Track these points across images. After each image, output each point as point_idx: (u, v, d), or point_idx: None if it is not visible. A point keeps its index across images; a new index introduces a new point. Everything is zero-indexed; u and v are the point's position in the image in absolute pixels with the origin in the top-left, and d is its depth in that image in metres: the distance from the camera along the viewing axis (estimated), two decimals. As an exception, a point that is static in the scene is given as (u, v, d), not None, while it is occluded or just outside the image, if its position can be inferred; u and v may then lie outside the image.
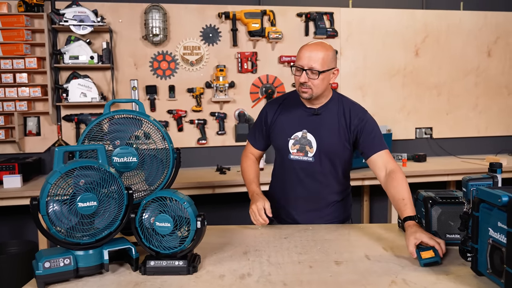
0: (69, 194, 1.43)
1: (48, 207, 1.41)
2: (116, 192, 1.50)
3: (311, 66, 1.95)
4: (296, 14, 4.23)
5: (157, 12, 3.84)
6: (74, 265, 1.45)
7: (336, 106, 2.11)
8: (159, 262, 1.51)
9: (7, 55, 3.61)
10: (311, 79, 1.97)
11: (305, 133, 2.08)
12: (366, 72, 4.42)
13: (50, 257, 1.42)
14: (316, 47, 1.98)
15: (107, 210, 1.48)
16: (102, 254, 1.50)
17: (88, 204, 1.43)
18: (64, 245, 1.47)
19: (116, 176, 1.49)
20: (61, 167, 1.44)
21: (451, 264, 1.57)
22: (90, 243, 1.47)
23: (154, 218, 1.51)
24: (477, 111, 4.69)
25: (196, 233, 1.51)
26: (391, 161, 2.04)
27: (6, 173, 3.41)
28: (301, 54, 1.99)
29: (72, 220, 1.43)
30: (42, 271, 1.41)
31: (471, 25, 4.59)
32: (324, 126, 2.08)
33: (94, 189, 1.45)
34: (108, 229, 1.50)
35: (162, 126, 1.77)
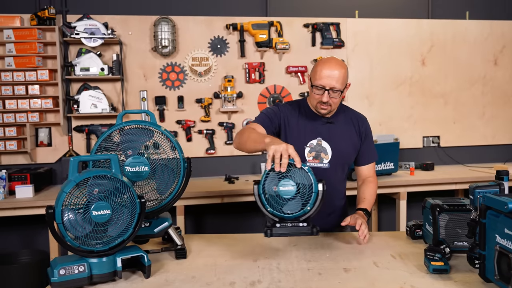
0: (83, 203, 1.46)
1: (63, 215, 1.44)
2: (128, 201, 1.53)
3: (333, 86, 2.00)
4: (303, 24, 4.28)
5: (166, 24, 3.91)
6: (88, 272, 1.48)
7: (344, 115, 2.22)
8: (284, 225, 1.62)
9: (20, 67, 3.68)
10: (332, 98, 2.03)
11: (320, 140, 2.14)
12: (372, 82, 4.45)
13: (65, 265, 1.46)
14: (336, 66, 2.03)
15: (120, 218, 1.51)
16: (115, 261, 1.52)
17: (102, 212, 1.46)
18: (79, 253, 1.49)
19: (128, 185, 1.53)
20: (76, 176, 1.47)
21: (459, 271, 1.58)
22: (103, 251, 1.50)
23: (276, 186, 1.60)
24: (484, 119, 4.70)
25: (318, 195, 1.61)
26: (374, 173, 2.28)
27: (18, 183, 3.46)
28: (322, 73, 2.01)
29: (87, 228, 1.46)
30: (58, 278, 1.44)
31: (477, 34, 4.61)
32: (338, 133, 2.17)
33: (108, 197, 1.48)
34: (121, 237, 1.52)
35: (173, 136, 1.80)
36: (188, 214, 3.84)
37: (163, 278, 1.57)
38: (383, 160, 3.94)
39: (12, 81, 3.67)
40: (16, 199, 3.35)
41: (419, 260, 1.68)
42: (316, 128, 2.15)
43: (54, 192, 3.59)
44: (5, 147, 3.68)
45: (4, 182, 3.36)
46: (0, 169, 3.51)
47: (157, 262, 1.73)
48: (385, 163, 3.95)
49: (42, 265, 3.56)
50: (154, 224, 1.79)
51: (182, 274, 1.61)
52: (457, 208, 1.77)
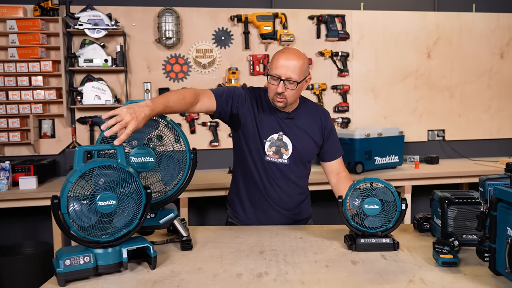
0: (89, 193, 1.44)
1: (69, 205, 1.43)
2: (134, 191, 1.51)
3: (289, 76, 1.94)
4: (307, 16, 4.24)
5: (170, 16, 3.88)
6: (94, 263, 1.46)
7: (306, 110, 2.16)
8: (368, 240, 1.71)
9: (23, 58, 3.66)
10: (287, 89, 1.96)
11: (281, 135, 2.09)
12: (377, 75, 4.42)
13: (71, 255, 1.44)
14: (293, 56, 1.95)
15: (126, 209, 1.49)
16: (121, 252, 1.51)
17: (107, 203, 1.44)
18: (84, 244, 1.48)
19: (134, 176, 1.51)
20: (81, 166, 1.45)
21: (468, 264, 1.56)
22: (109, 242, 1.49)
23: (360, 201, 1.71)
24: (490, 113, 4.67)
25: (400, 214, 1.69)
26: (344, 168, 2.24)
27: (21, 175, 3.46)
28: (278, 62, 1.94)
29: (92, 218, 1.44)
30: (63, 268, 1.43)
31: (484, 26, 4.57)
32: (299, 129, 2.11)
33: (113, 188, 1.46)
34: (127, 228, 1.51)
35: (179, 126, 1.78)
36: (191, 206, 3.84)
37: (169, 269, 1.56)
38: (388, 154, 3.92)
39: (15, 72, 3.65)
40: (20, 190, 3.34)
41: (427, 253, 1.66)
42: (277, 122, 2.09)
43: (57, 184, 3.59)
44: (8, 139, 3.67)
45: (8, 173, 3.35)
46: (4, 160, 3.50)
47: (162, 253, 1.72)
48: (390, 156, 3.93)
49: (46, 257, 3.57)
50: (159, 216, 1.77)
51: (188, 265, 1.59)
52: (466, 201, 1.75)
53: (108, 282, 1.46)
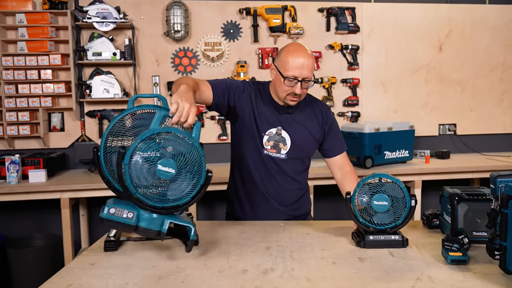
0: (153, 156, 1.47)
1: (132, 159, 1.45)
2: (196, 170, 1.50)
3: (306, 76, 1.93)
4: (317, 9, 4.20)
5: (179, 9, 3.86)
6: (135, 222, 1.49)
7: (306, 105, 2.13)
8: (377, 237, 1.68)
9: (32, 52, 3.67)
10: (303, 89, 1.96)
11: (279, 130, 2.06)
12: (388, 68, 4.37)
13: (117, 205, 1.49)
14: (306, 54, 1.93)
15: (183, 183, 1.50)
16: (163, 222, 1.52)
17: (166, 169, 1.45)
18: (133, 200, 1.49)
19: (201, 154, 1.50)
20: (157, 128, 1.49)
21: (478, 262, 1.54)
22: (156, 207, 1.50)
23: (368, 198, 1.68)
24: (503, 107, 4.59)
25: (410, 211, 1.67)
26: (348, 162, 2.18)
27: (31, 168, 3.48)
28: (295, 63, 1.91)
29: (148, 179, 1.47)
30: (106, 215, 1.48)
31: (497, 19, 4.49)
32: (298, 124, 2.09)
33: (177, 158, 1.47)
34: (177, 202, 1.51)
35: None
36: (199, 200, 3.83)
37: (174, 265, 1.55)
38: (398, 148, 3.88)
39: (24, 65, 3.66)
40: (29, 183, 3.36)
41: (436, 250, 1.64)
42: (276, 116, 2.06)
43: (66, 177, 3.60)
44: (18, 132, 3.69)
45: (18, 166, 3.37)
46: (14, 153, 3.51)
47: (168, 248, 1.71)
48: (400, 151, 3.89)
49: (55, 249, 3.59)
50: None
51: (193, 261, 1.58)
52: (476, 198, 1.72)
53: (114, 277, 1.46)
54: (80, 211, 3.98)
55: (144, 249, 1.72)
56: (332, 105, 4.24)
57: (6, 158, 3.36)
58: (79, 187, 3.34)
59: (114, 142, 1.69)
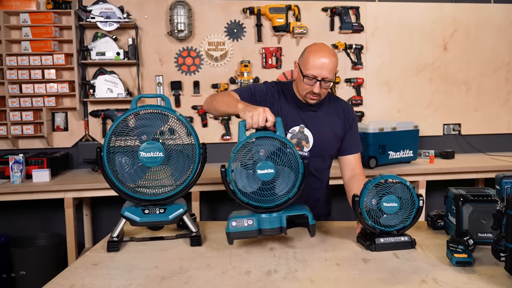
0: (251, 163, 1.61)
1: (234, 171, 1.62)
2: (292, 161, 1.62)
3: (325, 76, 1.94)
4: (321, 8, 4.18)
5: (182, 8, 3.85)
6: (256, 226, 1.63)
7: (329, 103, 2.15)
8: (387, 239, 1.67)
9: (36, 51, 3.67)
10: (322, 89, 1.97)
11: (302, 128, 2.08)
12: (392, 67, 4.35)
13: (237, 218, 1.64)
14: (329, 55, 1.94)
15: (285, 178, 1.62)
16: (281, 218, 1.64)
17: (266, 171, 1.59)
18: (249, 208, 1.64)
19: (291, 146, 1.62)
20: (243, 138, 1.63)
21: (483, 263, 1.52)
22: (270, 207, 1.64)
23: (377, 199, 1.67)
24: (508, 107, 4.56)
25: (418, 211, 1.68)
26: (360, 164, 2.18)
27: (35, 168, 3.48)
28: (314, 63, 1.93)
29: (254, 186, 1.61)
30: (230, 228, 1.62)
31: (502, 18, 4.46)
32: (321, 122, 2.10)
33: (272, 158, 1.61)
34: (286, 195, 1.63)
35: (188, 121, 1.76)
36: (203, 200, 3.83)
37: (177, 265, 1.54)
38: (402, 148, 3.86)
39: (28, 65, 3.66)
40: (33, 183, 3.36)
41: (441, 252, 1.62)
42: (299, 114, 2.08)
43: (70, 177, 3.61)
44: (22, 132, 3.69)
45: (21, 166, 3.38)
46: (17, 153, 3.52)
47: (171, 249, 1.71)
48: (404, 151, 3.88)
49: (58, 248, 3.60)
50: (168, 211, 1.76)
51: (197, 261, 1.58)
52: (481, 199, 1.70)
53: (117, 278, 1.45)
54: (84, 211, 3.98)
55: (147, 249, 1.72)
56: (336, 104, 4.22)
57: (10, 157, 3.37)
58: (82, 187, 3.34)
59: (117, 142, 1.69)
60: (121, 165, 1.71)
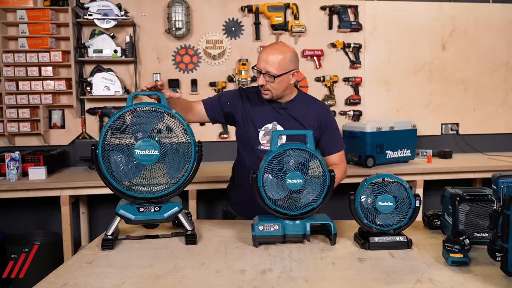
0: (281, 172, 1.68)
1: (264, 180, 1.68)
2: (320, 173, 1.70)
3: (267, 70, 2.03)
4: (319, 7, 4.17)
5: (180, 6, 3.84)
6: (282, 231, 1.69)
7: (303, 104, 2.20)
8: (382, 238, 1.67)
9: (33, 48, 3.66)
10: (268, 82, 2.04)
11: (275, 125, 2.16)
12: (391, 67, 4.34)
13: (264, 222, 1.70)
14: (274, 50, 2.05)
15: (312, 188, 1.69)
16: (305, 226, 1.70)
17: (295, 181, 1.66)
18: (275, 214, 1.71)
19: (320, 159, 1.69)
20: (276, 148, 1.70)
21: (479, 263, 1.52)
22: (295, 215, 1.70)
23: (373, 198, 1.67)
24: (506, 107, 4.56)
25: (414, 211, 1.67)
26: (341, 160, 2.23)
27: (31, 165, 3.47)
28: (260, 56, 2.06)
29: (281, 193, 1.68)
30: (257, 232, 1.69)
31: (501, 18, 4.45)
32: (294, 119, 2.16)
33: (301, 169, 1.67)
34: (311, 205, 1.70)
35: (184, 119, 1.75)
36: (200, 199, 3.82)
37: (172, 264, 1.53)
38: (400, 147, 3.86)
39: (25, 62, 3.64)
40: (29, 180, 3.35)
41: (437, 251, 1.61)
42: (272, 112, 2.16)
43: (67, 174, 3.59)
44: (18, 129, 3.68)
45: (18, 163, 3.37)
46: (14, 150, 3.51)
47: (166, 248, 1.70)
48: (402, 150, 3.87)
49: (55, 246, 3.58)
50: (163, 209, 1.76)
51: (191, 260, 1.57)
52: (478, 198, 1.70)
53: (110, 276, 1.44)
54: (80, 209, 3.97)
55: (142, 247, 1.71)
56: (334, 103, 4.21)
57: (6, 155, 3.35)
58: (79, 185, 3.33)
59: (112, 139, 1.68)
60: (116, 162, 1.70)
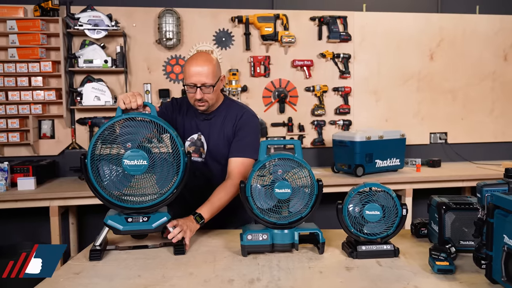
0: (269, 181, 1.69)
1: (252, 190, 1.69)
2: (308, 183, 1.70)
3: (203, 82, 2.00)
4: (309, 18, 4.22)
5: (171, 17, 3.86)
6: (270, 241, 1.70)
7: (225, 110, 2.19)
8: (370, 247, 1.68)
9: (23, 58, 3.66)
10: (206, 94, 2.03)
11: (200, 135, 2.18)
12: (379, 77, 4.39)
13: (252, 232, 1.71)
14: (203, 62, 2.02)
15: (300, 198, 1.70)
16: (294, 235, 1.71)
17: (283, 190, 1.67)
18: (263, 223, 1.72)
19: (308, 168, 1.70)
20: (264, 157, 1.72)
21: (464, 271, 1.53)
22: (284, 224, 1.71)
23: (360, 207, 1.68)
24: (494, 116, 4.62)
25: (401, 220, 1.67)
26: (236, 172, 2.07)
27: (20, 176, 3.45)
28: (190, 71, 2.01)
29: (270, 203, 1.70)
30: (246, 241, 1.69)
31: (487, 29, 4.53)
32: (214, 129, 2.17)
33: (289, 178, 1.69)
34: (299, 214, 1.71)
35: (173, 129, 1.76)
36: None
37: (160, 274, 1.53)
38: (389, 156, 3.89)
39: (15, 72, 3.64)
40: (18, 191, 3.33)
41: (424, 260, 1.63)
42: (196, 124, 2.18)
43: (56, 185, 3.57)
44: (7, 139, 3.67)
45: (6, 174, 3.35)
46: (3, 161, 3.49)
47: (155, 258, 1.70)
48: (391, 159, 3.90)
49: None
50: (152, 219, 1.75)
51: (180, 270, 1.57)
52: (463, 207, 1.71)
53: (98, 287, 1.44)
54: (70, 219, 3.95)
55: (130, 258, 1.71)
56: (323, 113, 4.25)
57: (-5, 165, 3.34)
58: (68, 195, 3.31)
59: (102, 149, 1.69)
60: (105, 172, 1.70)
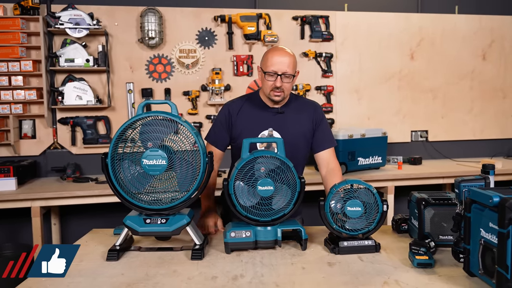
0: (252, 179, 1.70)
1: (235, 187, 1.70)
2: (290, 179, 1.71)
3: (285, 71, 2.06)
4: (291, 17, 4.24)
5: (153, 15, 3.85)
6: (253, 238, 1.71)
7: (297, 104, 2.24)
8: (351, 242, 1.71)
9: (3, 57, 3.59)
10: (284, 83, 2.08)
11: (271, 131, 2.17)
12: (361, 76, 4.43)
13: (236, 229, 1.72)
14: (286, 53, 2.10)
15: (283, 195, 1.72)
16: (277, 232, 1.73)
17: (266, 188, 1.69)
18: (246, 221, 1.73)
19: (290, 166, 1.71)
20: (247, 155, 1.74)
21: (443, 265, 1.57)
22: (267, 221, 1.72)
23: (342, 204, 1.71)
24: (473, 114, 4.71)
25: (382, 216, 1.71)
26: (334, 159, 2.24)
27: (1, 176, 3.38)
28: (273, 60, 2.07)
29: (253, 200, 1.71)
30: (229, 239, 1.70)
31: (466, 28, 4.61)
32: (289, 123, 2.18)
33: (272, 176, 1.70)
34: (282, 211, 1.73)
35: (193, 128, 1.71)
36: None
37: (143, 272, 1.54)
38: (371, 154, 3.93)
39: (-6, 71, 3.59)
40: (-1, 192, 3.29)
41: (404, 254, 1.67)
42: (267, 118, 2.18)
43: (38, 185, 3.53)
44: (-13, 139, 3.61)
45: (-14, 174, 3.30)
46: (-18, 161, 3.44)
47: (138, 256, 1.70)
48: (373, 157, 3.95)
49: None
50: (171, 221, 1.69)
51: (163, 268, 1.58)
52: (442, 202, 1.76)
53: (81, 286, 1.44)
54: (52, 220, 3.90)
55: (113, 257, 1.70)
56: (306, 112, 4.27)
57: (-26, 166, 3.28)
58: (50, 195, 3.27)
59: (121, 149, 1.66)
60: (125, 172, 1.67)
